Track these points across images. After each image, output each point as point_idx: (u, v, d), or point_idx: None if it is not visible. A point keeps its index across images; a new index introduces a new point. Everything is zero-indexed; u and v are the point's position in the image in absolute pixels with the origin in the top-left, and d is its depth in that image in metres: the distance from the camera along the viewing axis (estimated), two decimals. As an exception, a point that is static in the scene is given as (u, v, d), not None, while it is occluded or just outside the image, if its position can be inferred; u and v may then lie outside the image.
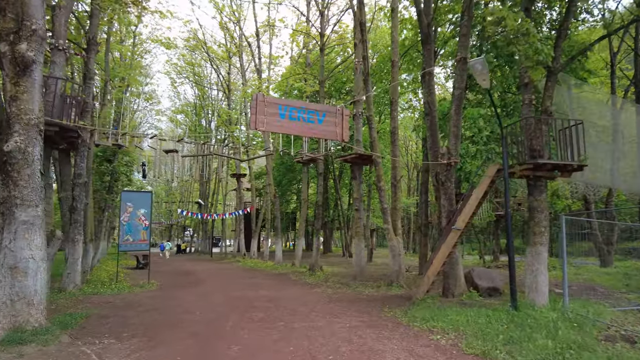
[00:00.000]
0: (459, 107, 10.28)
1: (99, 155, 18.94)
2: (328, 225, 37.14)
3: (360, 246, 15.04)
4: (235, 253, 31.63)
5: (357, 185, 15.17)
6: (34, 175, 5.90)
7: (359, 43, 14.78)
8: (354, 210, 15.21)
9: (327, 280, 15.02)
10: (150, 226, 14.20)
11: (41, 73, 6.00)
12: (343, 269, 21.09)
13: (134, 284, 14.20)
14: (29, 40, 5.74)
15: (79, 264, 12.09)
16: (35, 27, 5.76)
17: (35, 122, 5.86)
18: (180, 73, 35.37)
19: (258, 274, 18.20)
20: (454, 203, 10.56)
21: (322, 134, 8.08)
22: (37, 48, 5.82)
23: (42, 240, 6.07)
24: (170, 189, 62.11)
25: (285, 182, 37.68)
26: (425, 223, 18.45)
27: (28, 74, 5.77)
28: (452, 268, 10.59)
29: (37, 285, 5.97)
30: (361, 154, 14.62)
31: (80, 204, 12.11)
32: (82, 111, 12.39)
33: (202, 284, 14.84)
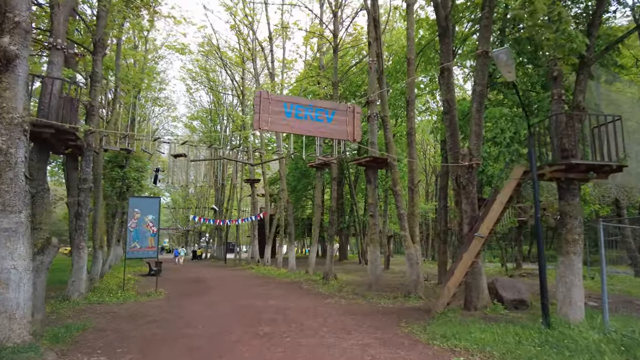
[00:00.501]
0: (480, 105, 9.53)
1: (111, 161, 18.76)
2: (344, 231, 36.38)
3: (375, 254, 14.31)
4: (250, 259, 31.19)
5: (371, 189, 14.48)
6: (17, 179, 5.46)
7: (373, 41, 14.16)
8: (369, 216, 14.51)
9: (341, 290, 14.32)
10: (158, 233, 13.80)
11: (26, 69, 5.58)
12: (358, 277, 20.34)
13: (142, 292, 13.80)
14: (12, 33, 5.33)
15: (83, 271, 11.73)
16: (18, 20, 5.36)
17: (18, 121, 5.43)
18: (195, 79, 35.39)
19: (269, 282, 17.62)
20: (476, 208, 9.77)
21: (331, 133, 7.47)
22: (20, 42, 5.41)
23: (26, 249, 5.61)
24: (187, 195, 62.44)
25: (301, 187, 37.14)
26: (445, 229, 17.56)
27: (11, 70, 5.35)
28: (475, 278, 9.78)
29: (20, 298, 5.50)
30: (376, 157, 13.95)
31: (85, 210, 11.79)
32: (88, 114, 12.13)
33: (210, 292, 14.34)
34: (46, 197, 7.90)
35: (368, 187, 14.58)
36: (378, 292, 13.69)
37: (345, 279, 18.98)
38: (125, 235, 28.62)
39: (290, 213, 22.82)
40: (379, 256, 14.54)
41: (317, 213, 20.83)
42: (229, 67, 31.10)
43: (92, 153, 11.96)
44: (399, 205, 12.27)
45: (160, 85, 29.82)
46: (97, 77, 12.07)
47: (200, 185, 38.10)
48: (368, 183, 14.53)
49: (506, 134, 13.05)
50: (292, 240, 22.88)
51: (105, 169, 18.78)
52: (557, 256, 8.18)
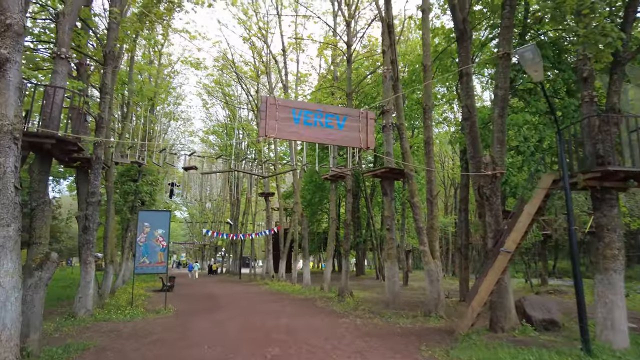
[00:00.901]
0: (503, 110, 8.91)
1: (123, 174, 18.68)
2: (360, 246, 35.57)
3: (393, 270, 13.61)
4: (264, 274, 30.64)
5: (388, 202, 13.86)
6: (6, 190, 5.12)
7: (387, 49, 13.73)
8: (385, 229, 13.86)
9: (357, 308, 13.62)
10: (168, 247, 13.44)
11: (18, 74, 5.30)
12: (375, 294, 19.54)
13: (151, 308, 13.40)
14: (3, 36, 5.07)
15: (90, 287, 11.40)
16: (10, 22, 5.10)
17: (9, 128, 5.12)
18: (211, 94, 35.61)
19: (283, 299, 17.02)
20: (500, 221, 9.07)
21: (342, 140, 6.97)
22: (12, 45, 5.14)
23: (14, 265, 5.24)
24: (203, 210, 62.61)
25: (316, 201, 36.62)
26: (466, 244, 16.75)
27: (1, 74, 5.08)
28: (501, 297, 9.02)
29: (7, 319, 5.10)
30: (392, 167, 13.37)
31: (93, 224, 11.52)
32: (98, 126, 11.97)
33: (221, 309, 13.84)
34: (47, 210, 7.60)
35: (384, 199, 13.97)
36: (396, 310, 12.95)
37: (361, 296, 18.23)
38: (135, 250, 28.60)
39: (304, 227, 22.27)
40: (397, 272, 13.83)
41: (333, 227, 20.22)
42: (243, 81, 31.16)
43: (102, 166, 11.75)
44: (417, 218, 11.61)
45: (176, 100, 30.02)
46: (107, 88, 11.94)
47: (215, 200, 37.98)
48: (384, 195, 13.93)
49: (530, 142, 12.32)
50: (306, 254, 22.27)
51: (117, 183, 18.71)
52: (595, 274, 7.40)
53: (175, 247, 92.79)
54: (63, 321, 10.53)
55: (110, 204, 15.65)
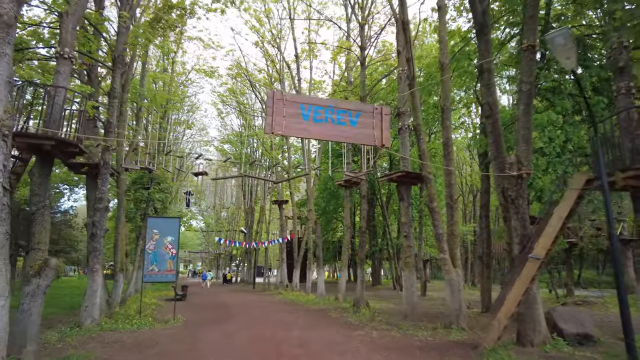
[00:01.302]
0: (528, 106, 8.29)
1: (135, 182, 18.52)
2: (376, 255, 34.76)
3: (411, 279, 12.93)
4: (278, 284, 30.10)
5: (404, 208, 13.23)
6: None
7: (402, 49, 13.25)
8: (402, 237, 13.23)
9: (373, 320, 12.96)
10: (177, 255, 13.07)
11: (8, 67, 5.00)
12: (392, 305, 18.79)
13: (160, 318, 13.00)
14: (-8, 26, 4.78)
15: (97, 296, 11.08)
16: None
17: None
18: (225, 102, 35.65)
19: (296, 309, 16.44)
20: (527, 225, 8.39)
21: (355, 138, 6.47)
22: (1, 37, 4.84)
23: (1, 269, 4.86)
24: (219, 219, 62.65)
25: (330, 209, 36.05)
26: (487, 252, 15.94)
27: (-11, 67, 4.78)
28: (529, 308, 8.29)
29: (-8, 329, 4.71)
30: (408, 171, 12.78)
31: (100, 231, 11.25)
32: (106, 131, 11.76)
33: (232, 319, 13.35)
34: (47, 215, 7.29)
35: (401, 205, 13.36)
36: (415, 322, 12.25)
37: (378, 306, 17.52)
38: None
39: (318, 235, 21.73)
40: (415, 282, 13.15)
41: (347, 235, 19.63)
42: (257, 89, 31.06)
43: (109, 171, 11.51)
44: (437, 224, 10.96)
45: (190, 109, 30.08)
46: (115, 92, 11.75)
47: (228, 207, 37.76)
48: (401, 201, 13.32)
49: (555, 143, 11.59)
50: (320, 264, 21.69)
51: (129, 190, 18.56)
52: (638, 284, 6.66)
53: (191, 256, 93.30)
54: (68, 331, 10.20)
55: (121, 211, 15.43)
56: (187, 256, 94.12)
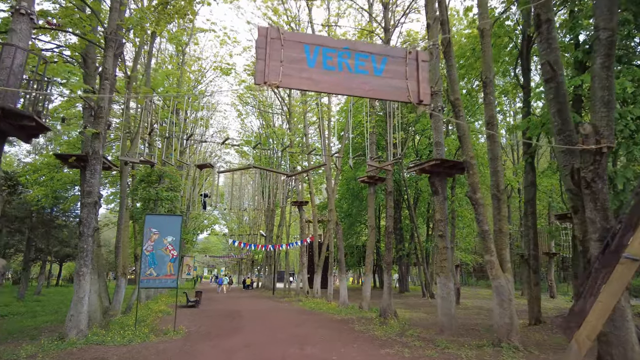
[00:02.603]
0: (608, 59, 6.31)
1: (143, 179, 17.27)
2: (403, 260, 32.58)
3: (448, 286, 10.96)
4: (299, 290, 28.38)
5: (439, 202, 11.30)
6: None
7: (433, 22, 11.38)
8: (437, 236, 11.28)
9: (403, 333, 11.04)
10: (178, 258, 11.56)
11: None
12: (424, 314, 16.75)
13: (161, 328, 11.50)
14: None
15: (84, 304, 9.66)
16: None
17: None
18: (242, 99, 34.49)
19: (315, 320, 14.66)
20: (609, 216, 6.39)
21: (381, 91, 4.70)
22: None
23: None
24: (241, 223, 61.71)
25: (354, 211, 34.16)
26: (535, 254, 13.75)
27: None
28: (617, 326, 6.26)
29: None
30: (444, 159, 10.87)
31: (88, 229, 9.85)
32: (96, 117, 10.42)
33: (240, 332, 11.71)
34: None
35: (435, 199, 11.43)
36: (453, 337, 10.28)
37: (407, 316, 15.55)
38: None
39: (340, 237, 19.90)
40: (453, 289, 11.16)
41: (372, 236, 17.72)
42: (275, 85, 29.65)
43: (100, 162, 10.13)
44: (481, 219, 8.99)
45: (206, 105, 28.98)
46: (107, 74, 10.40)
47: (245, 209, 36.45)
48: (435, 194, 11.40)
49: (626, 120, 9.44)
50: (343, 268, 19.82)
51: (137, 189, 17.33)
52: None
53: (216, 261, 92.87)
54: (47, 344, 8.81)
55: (123, 210, 14.14)
56: (211, 261, 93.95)
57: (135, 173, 17.61)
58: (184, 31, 20.83)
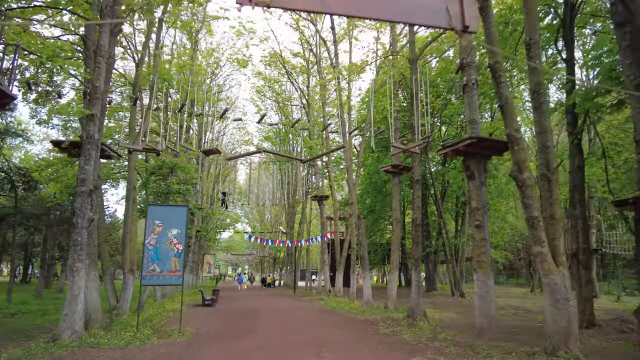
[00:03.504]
0: None
1: (154, 172, 16.47)
2: (430, 257, 30.92)
3: (487, 284, 9.53)
4: (320, 289, 27.21)
5: (475, 188, 9.88)
6: None
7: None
8: (473, 227, 9.85)
9: (435, 337, 9.70)
10: (184, 252, 10.55)
11: None
12: (455, 315, 15.30)
13: (165, 329, 10.54)
14: None
15: (78, 302, 8.77)
16: None
17: None
18: (260, 92, 33.63)
19: (336, 320, 13.45)
20: None
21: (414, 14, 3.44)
22: None
23: None
24: (262, 220, 61.16)
25: (378, 207, 32.66)
26: (585, 248, 12.09)
27: None
28: None
29: None
30: (481, 137, 9.46)
31: (82, 220, 8.95)
32: (90, 98, 9.52)
33: (254, 333, 10.63)
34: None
35: (470, 185, 10.00)
36: (494, 342, 8.87)
37: (437, 317, 14.14)
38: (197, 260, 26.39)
39: (362, 232, 18.59)
40: (493, 287, 9.70)
41: (397, 230, 16.34)
42: (293, 75, 28.62)
43: (96, 147, 9.22)
44: (529, 203, 7.54)
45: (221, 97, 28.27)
46: (102, 51, 9.48)
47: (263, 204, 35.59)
48: (470, 179, 9.97)
49: None
50: (366, 266, 18.50)
51: (148, 181, 16.55)
52: None
53: (239, 259, 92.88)
54: (36, 347, 7.94)
55: (130, 203, 13.30)
56: (235, 259, 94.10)
57: (146, 165, 16.82)
58: (194, 19, 19.96)
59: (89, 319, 10.28)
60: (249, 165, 41.41)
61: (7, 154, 32.02)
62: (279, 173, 41.20)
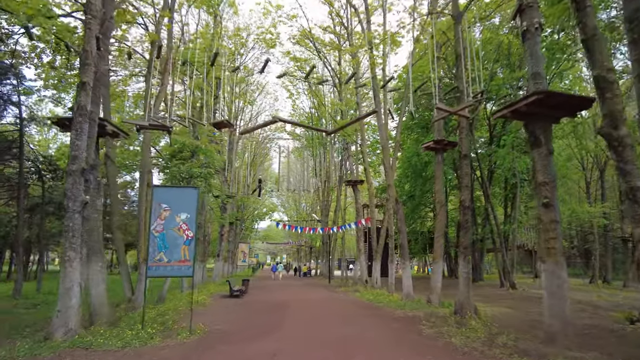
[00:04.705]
0: None
1: (174, 155, 15.44)
2: (477, 245, 28.51)
3: (559, 277, 7.55)
4: (357, 279, 25.65)
5: (542, 158, 7.85)
6: None
7: None
8: (540, 205, 7.84)
9: (492, 341, 7.88)
10: (195, 240, 9.28)
11: None
12: (508, 309, 13.33)
13: (178, 326, 9.37)
14: None
15: (72, 296, 7.69)
16: None
17: None
18: (292, 73, 32.12)
19: (371, 316, 11.84)
20: None
21: None
22: None
23: None
24: (298, 210, 60.31)
25: (418, 193, 30.48)
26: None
27: None
28: None
29: None
30: (550, 91, 7.43)
31: (74, 203, 7.84)
32: (82, 64, 8.34)
33: (276, 331, 9.26)
34: None
35: (535, 154, 7.97)
36: (572, 350, 6.96)
37: (489, 312, 12.24)
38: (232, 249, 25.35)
39: (401, 217, 16.74)
40: (566, 281, 7.72)
41: (441, 215, 14.40)
42: (323, 53, 26.86)
43: (86, 119, 8.05)
44: (629, 169, 5.51)
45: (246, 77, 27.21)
46: (93, 10, 8.24)
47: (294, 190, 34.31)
48: (534, 147, 7.95)
49: None
50: (406, 254, 16.66)
51: (169, 165, 15.57)
52: None
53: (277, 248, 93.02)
54: (23, 346, 6.94)
55: (144, 188, 12.26)
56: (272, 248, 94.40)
57: (165, 148, 15.82)
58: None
59: (94, 314, 9.34)
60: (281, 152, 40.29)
61: (42, 145, 32.66)
62: (311, 159, 39.80)
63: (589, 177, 34.64)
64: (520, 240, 34.81)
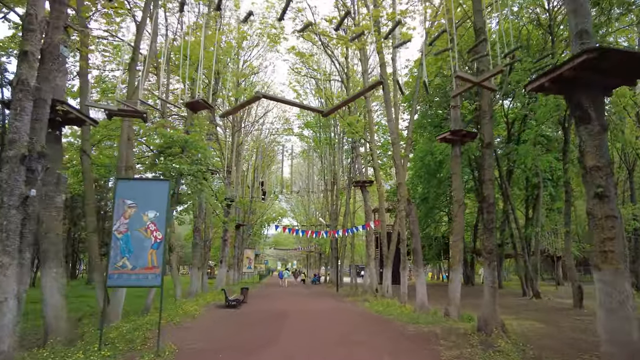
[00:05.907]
0: None
1: (163, 151, 14.06)
2: (495, 250, 26.47)
3: (620, 291, 5.79)
4: (367, 287, 23.91)
5: (592, 137, 6.17)
6: None
7: None
8: (592, 197, 6.12)
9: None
10: (165, 242, 7.76)
11: None
12: (537, 324, 11.52)
13: (147, 346, 7.85)
14: None
15: (6, 312, 6.22)
16: None
17: None
18: (299, 73, 30.84)
19: (380, 332, 10.16)
20: None
21: None
22: None
23: None
24: (307, 214, 58.76)
25: (432, 195, 28.59)
26: None
27: None
28: None
29: None
30: (606, 48, 5.77)
31: (10, 197, 6.40)
32: (25, 29, 6.95)
33: (263, 350, 7.67)
34: None
35: (582, 132, 6.28)
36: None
37: (516, 327, 10.48)
38: (238, 255, 23.84)
39: (414, 220, 15.03)
40: (631, 296, 5.97)
41: (459, 215, 12.67)
42: (329, 47, 25.45)
43: (28, 97, 6.65)
44: None
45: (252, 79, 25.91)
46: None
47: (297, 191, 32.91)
48: (582, 123, 6.27)
49: None
50: (419, 261, 14.93)
51: (156, 162, 14.21)
52: None
53: (287, 254, 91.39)
54: None
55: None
56: (283, 254, 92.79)
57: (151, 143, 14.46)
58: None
59: (48, 331, 7.89)
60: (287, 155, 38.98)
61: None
62: (318, 161, 38.30)
63: (616, 177, 32.30)
64: (541, 245, 32.73)
